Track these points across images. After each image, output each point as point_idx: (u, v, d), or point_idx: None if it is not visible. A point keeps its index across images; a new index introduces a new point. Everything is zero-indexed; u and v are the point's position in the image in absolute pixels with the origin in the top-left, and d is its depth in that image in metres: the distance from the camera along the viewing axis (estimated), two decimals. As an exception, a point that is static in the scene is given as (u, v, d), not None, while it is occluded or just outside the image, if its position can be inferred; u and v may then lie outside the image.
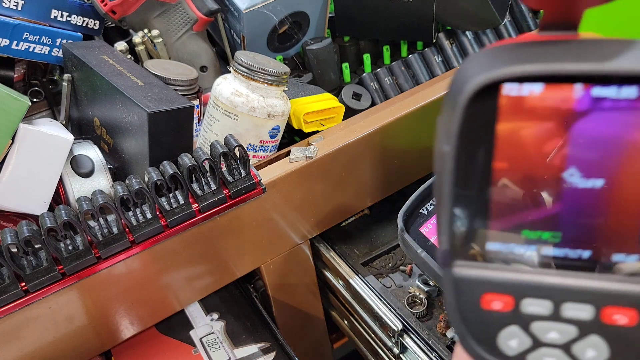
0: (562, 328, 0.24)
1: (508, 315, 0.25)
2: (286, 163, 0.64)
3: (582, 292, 0.24)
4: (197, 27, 0.76)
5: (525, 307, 0.25)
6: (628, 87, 0.22)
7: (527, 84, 0.23)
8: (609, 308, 0.24)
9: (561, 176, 0.24)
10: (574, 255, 0.25)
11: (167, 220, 0.56)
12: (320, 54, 0.79)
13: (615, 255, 0.24)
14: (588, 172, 0.23)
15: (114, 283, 0.57)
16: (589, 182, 0.23)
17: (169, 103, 0.60)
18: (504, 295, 0.25)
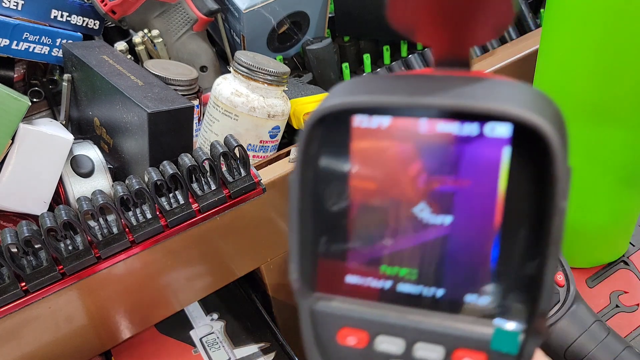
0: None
1: (363, 353, 0.25)
2: (286, 163, 0.64)
3: (434, 332, 0.23)
4: (197, 27, 0.76)
5: (378, 345, 0.24)
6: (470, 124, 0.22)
7: (376, 116, 0.23)
8: (459, 350, 0.23)
9: (411, 212, 0.23)
10: (429, 294, 0.24)
11: (167, 220, 0.56)
12: (320, 53, 0.79)
13: (467, 296, 0.23)
14: (437, 208, 0.23)
15: (114, 283, 0.57)
16: (438, 218, 0.23)
17: (169, 103, 0.60)
18: (360, 331, 0.25)
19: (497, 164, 0.22)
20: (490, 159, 0.22)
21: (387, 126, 0.23)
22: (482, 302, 0.23)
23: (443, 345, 0.23)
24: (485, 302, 0.23)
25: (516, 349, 0.22)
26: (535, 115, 0.20)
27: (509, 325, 0.23)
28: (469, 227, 0.23)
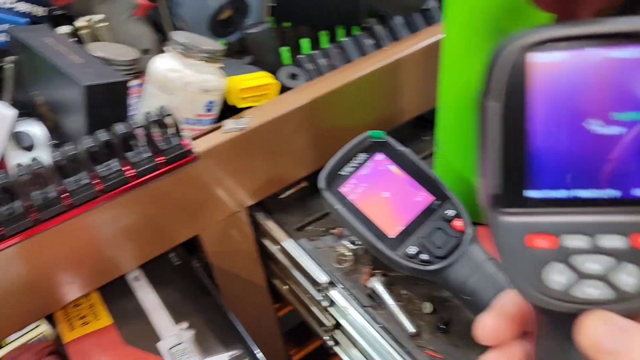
0: (599, 259, 0.28)
1: (551, 252, 0.29)
2: (220, 134, 0.68)
3: (612, 224, 0.28)
4: (139, 12, 0.80)
5: (565, 242, 0.28)
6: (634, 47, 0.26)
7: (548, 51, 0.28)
8: (636, 235, 0.27)
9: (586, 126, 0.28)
10: (604, 195, 0.28)
11: (103, 185, 0.61)
12: (258, 37, 0.84)
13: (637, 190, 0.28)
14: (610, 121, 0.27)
15: (53, 247, 0.61)
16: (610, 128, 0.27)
17: (105, 77, 0.64)
18: (546, 235, 0.29)
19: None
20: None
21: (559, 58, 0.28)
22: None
23: (623, 233, 0.28)
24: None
25: None
26: None
27: None
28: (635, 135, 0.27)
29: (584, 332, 0.28)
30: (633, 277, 0.27)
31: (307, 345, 1.10)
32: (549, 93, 0.28)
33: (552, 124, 0.28)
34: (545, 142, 0.29)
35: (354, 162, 0.64)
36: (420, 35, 0.84)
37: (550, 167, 0.29)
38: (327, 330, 0.72)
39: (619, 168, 0.28)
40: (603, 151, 0.28)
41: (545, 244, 0.29)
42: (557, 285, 0.29)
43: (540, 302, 0.29)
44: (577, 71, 0.28)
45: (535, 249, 0.29)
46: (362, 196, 0.62)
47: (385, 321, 0.61)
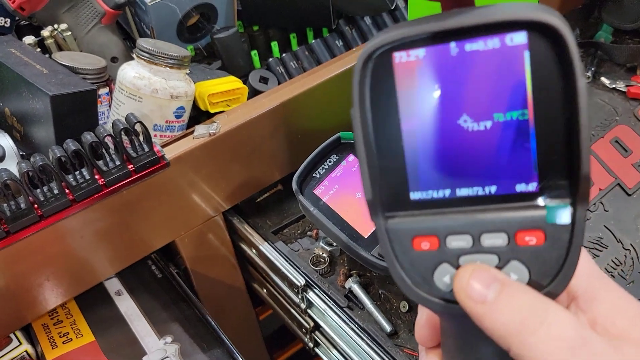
0: (484, 258, 0.28)
1: (437, 254, 0.28)
2: (191, 140, 0.68)
3: (495, 222, 0.27)
4: (106, 20, 0.80)
5: (450, 244, 0.28)
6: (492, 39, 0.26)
7: (412, 49, 0.27)
8: (520, 232, 0.27)
9: (457, 123, 0.27)
10: (484, 192, 0.28)
11: (74, 195, 0.60)
12: (226, 41, 0.84)
13: (517, 186, 0.27)
14: (477, 116, 0.27)
15: (26, 257, 0.60)
16: (480, 124, 0.27)
17: (72, 86, 0.63)
18: (431, 237, 0.28)
19: (521, 67, 0.26)
20: (515, 64, 0.26)
21: (423, 56, 0.27)
22: (531, 189, 0.27)
23: (505, 231, 0.27)
24: (534, 188, 0.27)
25: (568, 219, 0.26)
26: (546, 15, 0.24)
27: (559, 200, 0.27)
28: (507, 127, 0.27)
29: (457, 278, 0.28)
30: (518, 274, 0.27)
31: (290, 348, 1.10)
32: (418, 93, 0.28)
33: (425, 124, 0.28)
34: (421, 142, 0.28)
35: (326, 163, 0.65)
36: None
37: (429, 168, 0.28)
38: (307, 332, 0.72)
39: (495, 164, 0.27)
40: (478, 148, 0.27)
41: (432, 246, 0.28)
42: (447, 287, 0.28)
43: (434, 305, 0.29)
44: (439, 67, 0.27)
45: (424, 252, 0.29)
46: (336, 197, 0.63)
47: (362, 321, 0.62)
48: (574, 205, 0.26)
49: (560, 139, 0.26)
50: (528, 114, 0.26)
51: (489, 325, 0.27)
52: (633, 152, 0.81)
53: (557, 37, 0.25)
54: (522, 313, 0.26)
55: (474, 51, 0.26)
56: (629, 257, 0.68)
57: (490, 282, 0.27)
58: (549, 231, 0.27)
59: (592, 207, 0.74)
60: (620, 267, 0.67)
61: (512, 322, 0.26)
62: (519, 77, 0.26)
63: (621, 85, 0.91)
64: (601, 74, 0.96)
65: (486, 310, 0.27)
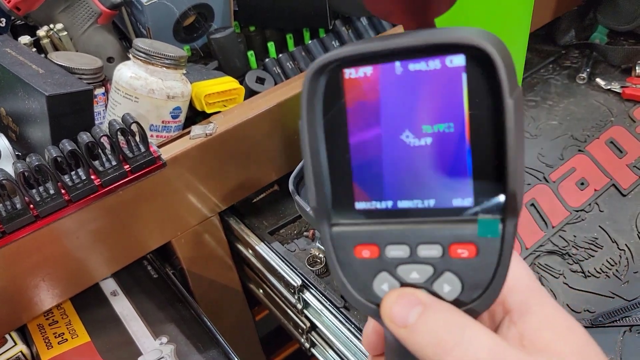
0: (420, 268, 0.29)
1: (377, 262, 0.30)
2: (187, 140, 0.68)
3: (431, 235, 0.29)
4: (102, 20, 0.79)
5: (389, 253, 0.29)
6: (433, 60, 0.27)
7: (361, 67, 0.29)
8: (453, 245, 0.28)
9: (400, 139, 0.29)
10: (423, 205, 0.29)
11: (70, 195, 0.60)
12: (223, 42, 0.84)
13: (454, 201, 0.29)
14: (419, 132, 0.28)
15: (22, 258, 0.60)
16: (421, 140, 0.28)
17: (68, 87, 0.63)
18: (372, 245, 0.30)
19: (459, 88, 0.27)
20: (453, 85, 0.27)
21: (370, 74, 0.29)
22: (466, 204, 0.28)
23: (439, 243, 0.29)
24: (469, 203, 0.28)
25: (498, 233, 0.28)
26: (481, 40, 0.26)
27: (490, 215, 0.28)
28: (445, 144, 0.28)
29: (382, 304, 0.29)
30: (451, 285, 0.28)
31: (286, 349, 1.10)
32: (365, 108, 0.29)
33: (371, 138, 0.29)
34: (366, 155, 0.30)
35: (322, 163, 0.65)
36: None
37: (373, 180, 0.30)
38: (303, 332, 0.72)
39: (434, 178, 0.29)
40: (419, 162, 0.29)
41: (372, 254, 0.30)
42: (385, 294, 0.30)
43: (373, 312, 0.30)
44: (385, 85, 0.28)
45: (364, 260, 0.30)
46: (332, 197, 0.63)
47: (358, 321, 0.62)
48: (504, 221, 0.28)
49: (493, 157, 0.27)
50: (465, 132, 0.28)
51: (411, 348, 0.28)
52: (628, 153, 0.81)
53: (489, 61, 0.26)
54: (439, 335, 0.27)
55: (416, 71, 0.28)
56: (623, 257, 0.68)
57: (413, 306, 0.28)
58: (480, 244, 0.28)
59: (587, 208, 0.75)
60: (615, 267, 0.67)
61: (430, 344, 0.27)
62: (456, 97, 0.27)
63: (616, 87, 0.92)
64: (596, 75, 0.96)
65: (408, 333, 0.28)
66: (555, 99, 0.94)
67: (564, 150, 0.83)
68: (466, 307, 0.28)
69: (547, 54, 1.07)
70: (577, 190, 0.77)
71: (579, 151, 0.82)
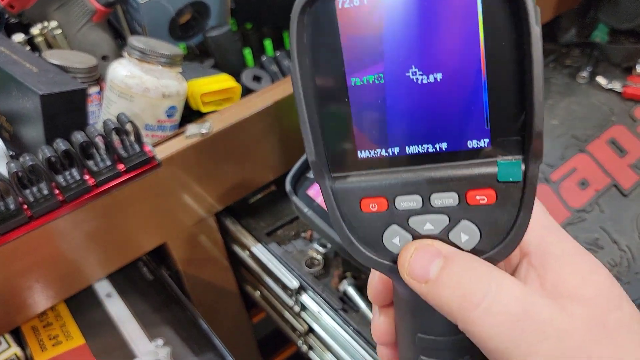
0: (434, 218, 0.26)
1: (386, 215, 0.27)
2: (183, 139, 0.67)
3: (445, 182, 0.26)
4: (97, 17, 0.78)
5: (399, 205, 0.27)
6: None
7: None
8: (470, 191, 0.26)
9: (405, 75, 0.25)
10: (434, 149, 0.26)
11: (64, 196, 0.59)
12: (219, 40, 0.83)
13: (469, 143, 0.26)
14: (427, 67, 0.25)
15: (15, 259, 0.59)
16: (430, 77, 0.25)
17: (62, 86, 0.62)
18: (380, 198, 0.27)
19: (473, 15, 0.24)
20: (466, 12, 0.24)
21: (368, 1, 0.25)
22: (482, 145, 0.26)
23: (455, 190, 0.26)
24: (485, 145, 0.26)
25: (520, 176, 0.25)
26: None
27: (510, 157, 0.25)
28: (458, 79, 0.25)
29: (399, 259, 0.27)
30: (468, 234, 0.26)
31: (283, 352, 1.09)
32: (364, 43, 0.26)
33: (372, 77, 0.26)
34: (367, 97, 0.26)
35: (320, 163, 0.64)
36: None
37: (377, 124, 0.27)
38: (301, 335, 0.71)
39: (446, 118, 0.26)
40: (428, 102, 0.26)
41: (381, 207, 0.27)
42: (397, 248, 0.27)
43: (385, 268, 0.28)
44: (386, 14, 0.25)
45: (372, 213, 0.27)
46: (330, 198, 0.62)
47: (357, 324, 0.61)
48: (526, 162, 0.25)
49: (514, 93, 0.25)
50: (480, 65, 0.25)
51: (433, 303, 0.26)
52: (629, 153, 0.81)
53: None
54: (464, 288, 0.25)
55: None
56: (624, 258, 0.67)
57: (433, 259, 0.26)
58: (499, 189, 0.26)
59: (588, 208, 0.74)
60: (616, 269, 0.66)
61: (454, 299, 0.25)
62: (470, 26, 0.24)
63: (617, 86, 0.91)
64: (597, 74, 0.95)
65: (429, 288, 0.26)
66: (555, 98, 0.93)
67: (565, 150, 0.82)
68: (484, 255, 0.26)
69: (547, 52, 1.06)
70: (578, 190, 0.76)
71: (579, 151, 0.81)
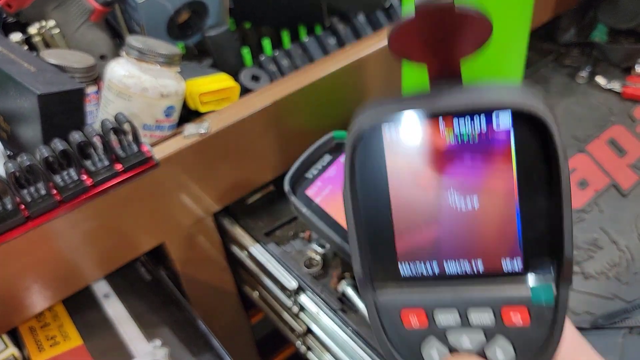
0: (471, 334, 0.28)
1: (426, 330, 0.29)
2: (181, 139, 0.67)
3: (481, 298, 0.28)
4: (95, 17, 0.78)
5: (438, 318, 0.28)
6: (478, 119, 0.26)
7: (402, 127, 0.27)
8: (505, 308, 0.28)
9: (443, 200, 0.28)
10: (471, 268, 0.28)
11: (61, 196, 0.59)
12: (217, 39, 0.83)
13: (503, 262, 0.28)
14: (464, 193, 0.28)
15: (12, 259, 0.59)
16: (466, 202, 0.28)
17: (60, 85, 0.62)
18: (419, 310, 0.29)
19: (507, 149, 0.26)
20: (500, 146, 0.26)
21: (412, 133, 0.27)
22: (516, 267, 0.28)
23: (491, 307, 0.28)
24: (519, 266, 0.28)
25: (552, 299, 0.27)
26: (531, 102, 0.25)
27: (543, 279, 0.27)
28: (492, 204, 0.27)
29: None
30: (503, 351, 0.28)
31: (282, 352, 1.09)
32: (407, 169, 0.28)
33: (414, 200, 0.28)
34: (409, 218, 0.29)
35: (319, 163, 0.64)
36: (382, 33, 0.84)
37: (418, 243, 0.29)
38: (299, 336, 0.71)
39: (482, 241, 0.28)
40: (465, 224, 0.28)
41: (420, 320, 0.29)
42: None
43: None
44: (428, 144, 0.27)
45: (413, 327, 0.29)
46: (329, 198, 0.62)
47: (356, 324, 0.61)
48: (557, 285, 0.27)
49: (544, 220, 0.27)
50: (513, 194, 0.27)
51: None
52: (628, 153, 0.81)
53: (541, 125, 0.25)
54: None
55: (462, 130, 0.27)
56: (623, 258, 0.67)
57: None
58: (533, 310, 0.27)
59: (587, 208, 0.74)
60: (616, 269, 0.66)
61: None
62: (504, 158, 0.27)
63: (616, 86, 0.91)
64: (597, 74, 0.95)
65: None
66: (555, 98, 0.93)
67: (564, 150, 0.82)
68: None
69: (547, 52, 1.06)
70: (577, 190, 0.76)
71: (579, 151, 0.81)
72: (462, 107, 0.26)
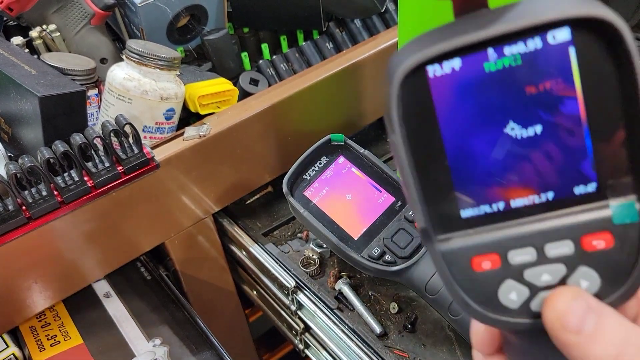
0: (551, 268, 0.26)
1: (500, 272, 0.27)
2: (181, 141, 0.68)
3: (557, 230, 0.26)
4: (95, 21, 0.79)
5: (512, 259, 0.26)
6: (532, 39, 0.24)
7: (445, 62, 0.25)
8: (586, 237, 0.25)
9: (504, 132, 0.26)
10: (541, 200, 0.26)
11: (62, 197, 0.60)
12: (217, 43, 0.84)
13: (576, 189, 0.26)
14: (526, 122, 0.25)
15: (14, 260, 0.60)
16: (529, 130, 0.25)
17: (61, 88, 0.63)
18: (491, 254, 0.27)
19: (567, 65, 0.24)
20: (561, 63, 0.24)
21: (459, 67, 0.25)
22: (590, 190, 0.26)
23: (570, 238, 0.26)
24: (594, 189, 0.26)
25: (636, 216, 0.25)
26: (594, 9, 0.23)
27: (623, 199, 0.25)
28: (559, 129, 0.25)
29: (551, 306, 0.26)
30: (589, 280, 0.26)
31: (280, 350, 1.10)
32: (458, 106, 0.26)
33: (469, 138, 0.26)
34: (466, 157, 0.26)
35: (316, 165, 0.65)
36: (379, 38, 0.85)
37: (479, 182, 0.27)
38: (297, 334, 0.72)
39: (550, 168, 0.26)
40: (529, 154, 0.26)
41: (494, 264, 0.27)
42: (514, 304, 0.27)
43: (504, 324, 0.28)
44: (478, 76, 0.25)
45: (485, 271, 0.27)
46: (326, 199, 0.63)
47: (352, 323, 0.62)
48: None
49: (618, 135, 0.25)
50: (579, 111, 0.25)
51: (579, 355, 0.25)
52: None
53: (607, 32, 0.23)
54: (618, 347, 0.25)
55: (514, 54, 0.25)
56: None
57: (587, 313, 0.26)
58: (616, 232, 0.25)
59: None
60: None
61: (607, 356, 0.25)
62: (565, 76, 0.24)
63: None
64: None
65: (580, 340, 0.25)
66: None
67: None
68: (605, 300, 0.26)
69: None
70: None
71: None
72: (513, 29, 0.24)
